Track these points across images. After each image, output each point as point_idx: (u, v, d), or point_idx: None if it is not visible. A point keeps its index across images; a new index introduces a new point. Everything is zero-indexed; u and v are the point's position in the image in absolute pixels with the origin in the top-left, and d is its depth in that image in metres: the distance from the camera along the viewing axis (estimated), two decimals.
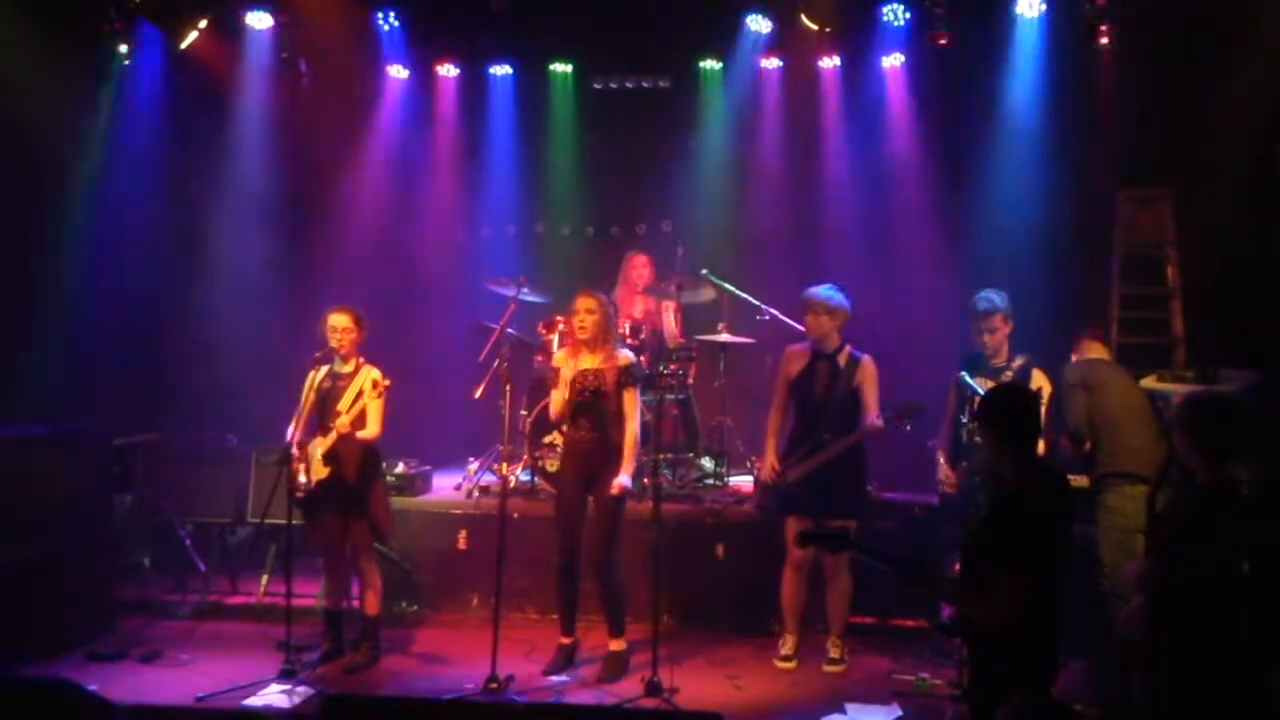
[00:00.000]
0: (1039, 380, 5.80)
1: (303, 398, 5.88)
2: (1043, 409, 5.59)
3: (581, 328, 5.75)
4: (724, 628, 6.60)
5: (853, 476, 5.95)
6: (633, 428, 5.79)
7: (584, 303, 5.79)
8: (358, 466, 5.84)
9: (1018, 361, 5.85)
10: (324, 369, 5.89)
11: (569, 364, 5.83)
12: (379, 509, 5.93)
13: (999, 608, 3.53)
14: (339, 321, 5.86)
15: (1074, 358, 5.89)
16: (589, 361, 5.79)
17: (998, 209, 7.85)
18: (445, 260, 8.91)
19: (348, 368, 5.91)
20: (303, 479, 5.80)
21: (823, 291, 6.00)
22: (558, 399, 5.84)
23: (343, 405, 5.81)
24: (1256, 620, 3.69)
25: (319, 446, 5.78)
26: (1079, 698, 5.18)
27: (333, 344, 5.84)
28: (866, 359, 5.97)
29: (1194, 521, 3.78)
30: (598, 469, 5.76)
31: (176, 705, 5.23)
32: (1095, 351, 5.93)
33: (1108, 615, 5.12)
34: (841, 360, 5.95)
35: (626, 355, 5.89)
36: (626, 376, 5.81)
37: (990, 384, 5.62)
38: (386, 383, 5.75)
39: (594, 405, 5.77)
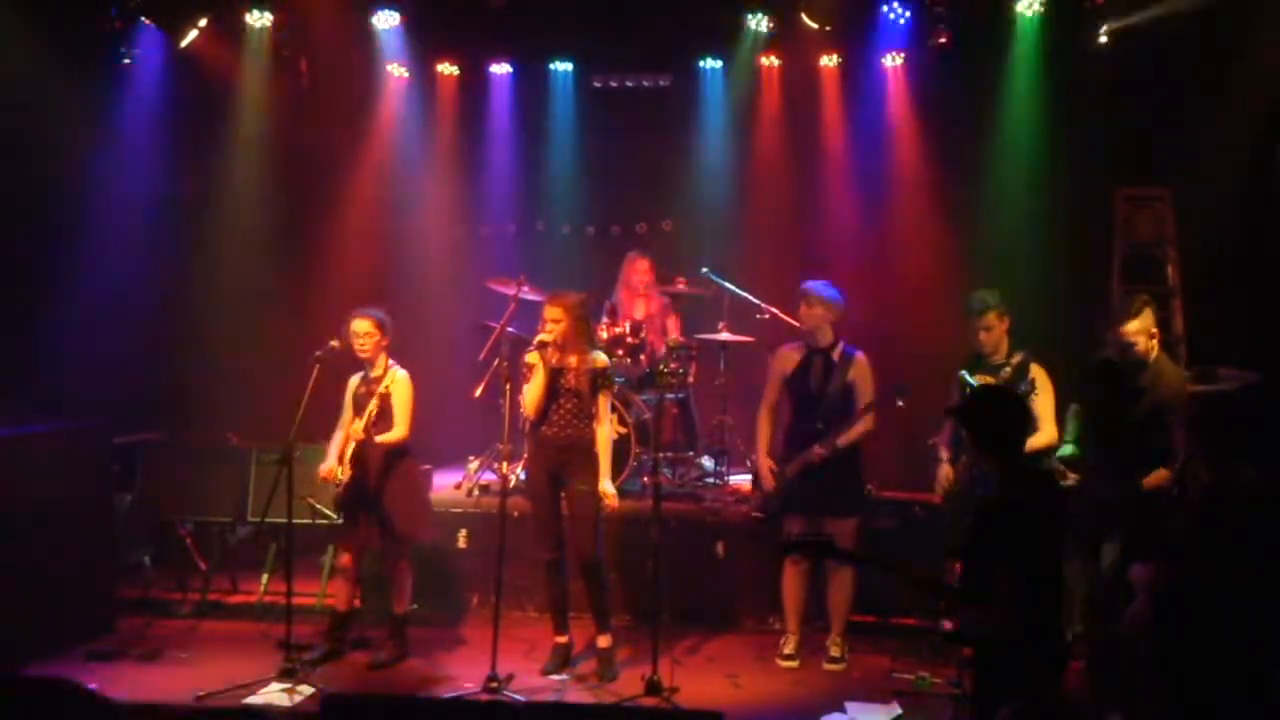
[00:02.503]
0: (1036, 374, 5.81)
1: (345, 405, 5.98)
2: (1043, 401, 5.62)
3: (551, 335, 5.73)
4: (724, 627, 6.61)
5: (850, 475, 5.97)
6: (605, 431, 5.82)
7: (550, 312, 5.76)
8: (379, 469, 5.88)
9: (1016, 358, 5.87)
10: (359, 375, 5.96)
11: (543, 361, 5.81)
12: (410, 508, 5.96)
13: (995, 616, 3.53)
14: (360, 327, 5.89)
15: (1149, 338, 5.27)
16: (563, 361, 5.79)
17: (997, 208, 7.85)
18: (445, 260, 8.90)
19: (377, 371, 5.96)
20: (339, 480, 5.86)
21: (817, 284, 6.07)
22: (532, 392, 5.81)
23: (371, 409, 5.84)
24: (1260, 619, 3.68)
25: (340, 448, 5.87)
26: (1080, 697, 5.18)
27: (355, 348, 5.88)
28: (860, 355, 6.00)
29: (1201, 522, 3.77)
30: (565, 466, 5.78)
31: (176, 704, 5.24)
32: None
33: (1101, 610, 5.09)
34: (835, 355, 5.99)
35: (601, 358, 5.91)
36: (602, 379, 5.83)
37: (991, 380, 5.64)
38: (385, 389, 5.81)
39: (567, 403, 5.78)
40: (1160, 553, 3.96)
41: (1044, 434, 5.63)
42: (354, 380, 6.00)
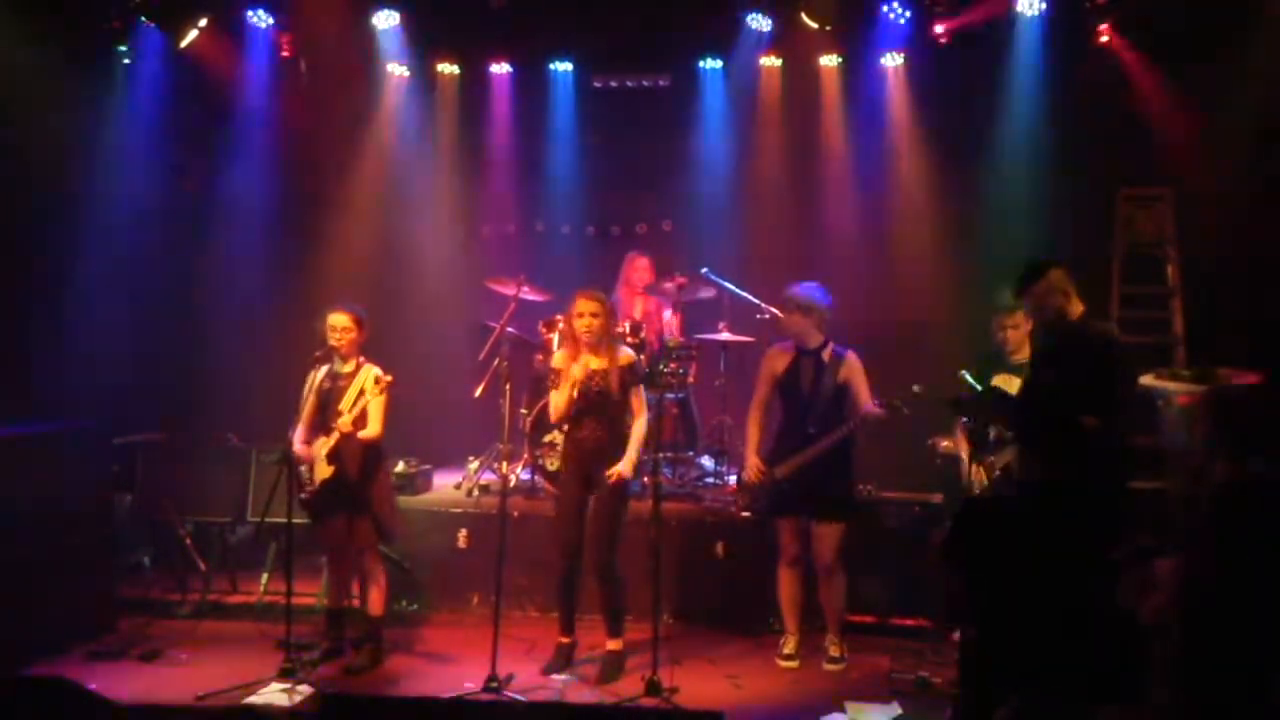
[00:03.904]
0: None
1: (303, 399, 5.89)
2: None
3: (588, 330, 5.69)
4: (724, 627, 6.60)
5: (841, 476, 5.96)
6: (641, 423, 5.78)
7: (586, 305, 5.70)
8: (360, 466, 5.84)
9: None
10: (324, 369, 5.88)
11: (571, 364, 5.79)
12: (383, 508, 5.93)
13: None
14: (338, 321, 5.86)
15: (1065, 295, 5.04)
16: (592, 362, 5.75)
17: (997, 208, 7.85)
18: (445, 260, 8.90)
19: (348, 367, 5.92)
20: (307, 479, 5.81)
21: (799, 290, 6.01)
22: (560, 399, 5.77)
23: (344, 405, 5.81)
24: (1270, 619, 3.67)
25: (322, 446, 5.78)
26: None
27: (332, 343, 5.84)
28: (850, 354, 5.98)
29: (1218, 519, 3.76)
30: (600, 469, 5.75)
31: (176, 704, 5.23)
32: None
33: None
34: (825, 356, 5.97)
35: (628, 354, 5.88)
36: (631, 375, 5.80)
37: (1015, 380, 5.60)
38: (388, 378, 5.75)
39: (598, 406, 5.75)
40: (1179, 548, 3.93)
41: None
42: (317, 375, 5.88)
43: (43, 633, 5.88)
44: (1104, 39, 7.53)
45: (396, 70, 8.72)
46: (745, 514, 6.27)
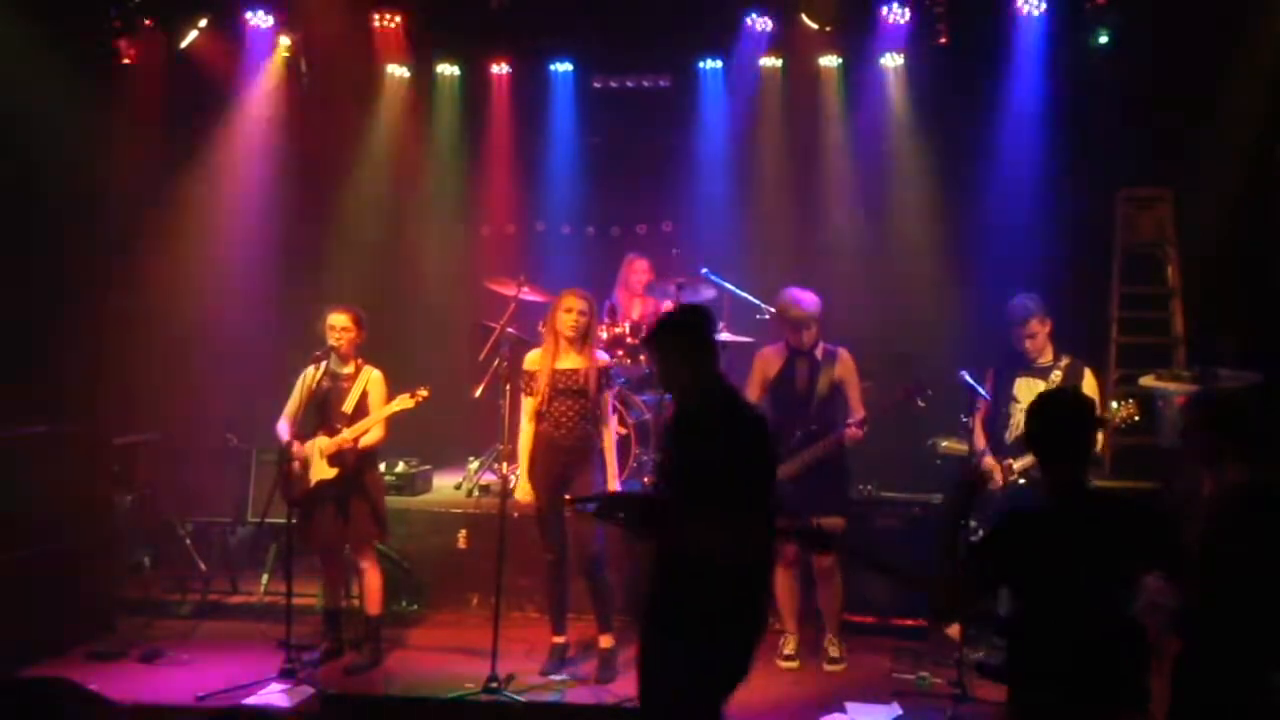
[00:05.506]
0: (1090, 381, 5.76)
1: (296, 394, 5.88)
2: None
3: (573, 327, 5.71)
4: None
5: (838, 474, 5.96)
6: (610, 435, 5.85)
7: (574, 302, 5.73)
8: (356, 466, 5.85)
9: (1064, 361, 5.78)
10: (321, 366, 5.85)
11: (544, 365, 5.77)
12: (376, 507, 5.94)
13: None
14: (338, 321, 5.86)
15: None
16: (571, 361, 5.76)
17: (998, 209, 7.85)
18: (445, 260, 8.91)
19: (348, 368, 5.92)
20: (298, 476, 5.80)
21: (809, 302, 5.94)
22: (531, 404, 5.80)
23: (347, 406, 5.82)
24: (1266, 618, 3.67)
25: (321, 446, 5.78)
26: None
27: (331, 343, 5.84)
28: (843, 351, 5.98)
29: (1219, 519, 3.76)
30: (574, 468, 5.77)
31: (176, 704, 5.25)
32: None
33: None
34: (818, 354, 5.96)
35: (604, 358, 5.93)
36: (607, 379, 5.85)
37: (1039, 383, 5.62)
38: (423, 393, 5.74)
39: (573, 405, 5.76)
40: (1195, 552, 3.92)
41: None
42: (312, 372, 5.84)
43: (43, 633, 5.88)
44: (1104, 39, 7.52)
45: (396, 70, 8.72)
46: None
